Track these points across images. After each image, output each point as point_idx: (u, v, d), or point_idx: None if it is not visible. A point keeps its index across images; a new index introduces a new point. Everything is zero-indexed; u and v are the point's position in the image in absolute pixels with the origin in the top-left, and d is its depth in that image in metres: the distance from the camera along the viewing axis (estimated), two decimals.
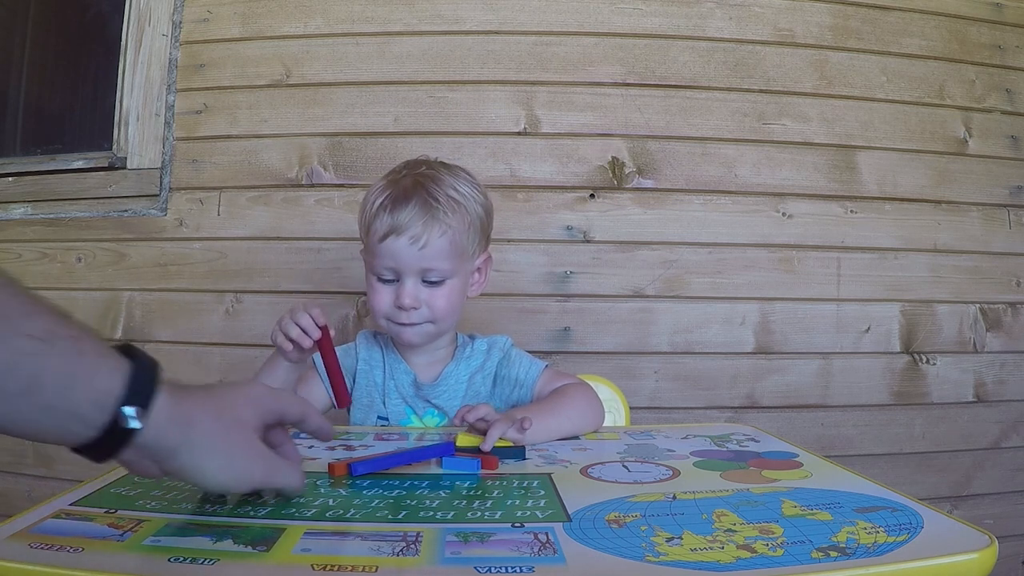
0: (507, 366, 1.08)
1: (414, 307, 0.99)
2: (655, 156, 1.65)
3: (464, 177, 1.06)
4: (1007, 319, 1.73)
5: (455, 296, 1.02)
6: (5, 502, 1.64)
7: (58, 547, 0.50)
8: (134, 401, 0.47)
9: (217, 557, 0.48)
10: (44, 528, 0.54)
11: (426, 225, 0.97)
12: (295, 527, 0.55)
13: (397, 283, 1.00)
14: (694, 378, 1.64)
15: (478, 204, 1.04)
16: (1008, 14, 1.77)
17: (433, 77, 1.65)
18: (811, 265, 1.67)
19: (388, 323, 1.03)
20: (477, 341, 1.11)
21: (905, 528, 0.54)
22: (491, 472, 0.73)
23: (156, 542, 0.51)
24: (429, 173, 1.02)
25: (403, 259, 0.98)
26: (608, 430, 0.98)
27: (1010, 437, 1.71)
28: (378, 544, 0.51)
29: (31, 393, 0.43)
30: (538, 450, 0.83)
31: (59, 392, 0.44)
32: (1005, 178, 1.74)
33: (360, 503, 0.61)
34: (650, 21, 1.66)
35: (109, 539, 0.52)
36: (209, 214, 1.65)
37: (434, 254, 0.98)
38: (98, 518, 0.56)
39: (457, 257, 1.01)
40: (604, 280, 1.63)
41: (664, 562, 0.48)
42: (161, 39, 1.70)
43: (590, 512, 0.59)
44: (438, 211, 0.98)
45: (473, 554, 0.50)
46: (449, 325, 1.06)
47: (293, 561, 0.49)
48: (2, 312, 0.42)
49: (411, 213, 0.97)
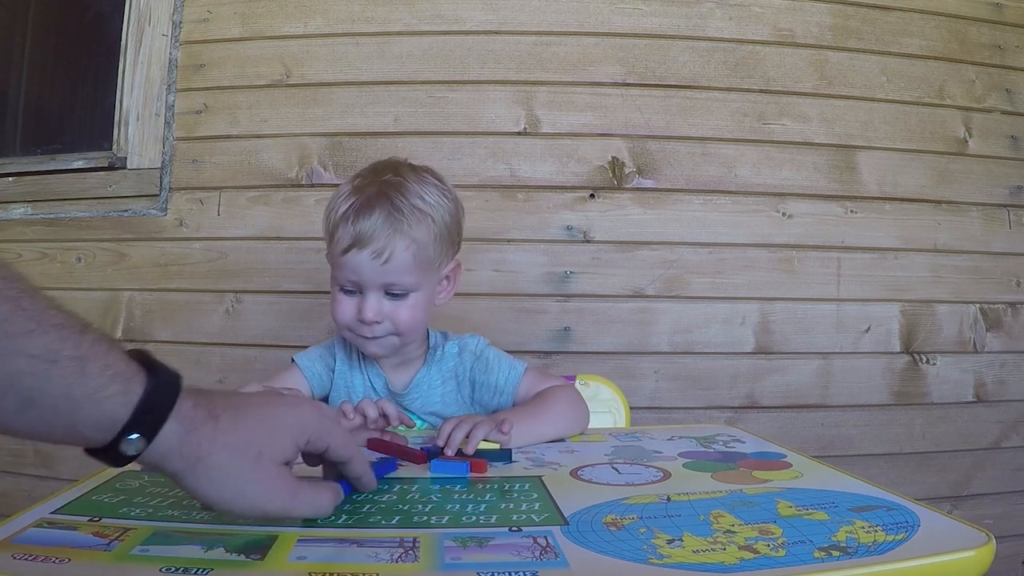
0: (485, 371, 1.04)
1: (376, 321, 0.96)
2: (655, 156, 1.65)
3: (432, 183, 1.00)
4: (1007, 319, 1.73)
5: (419, 309, 0.98)
6: (5, 502, 1.64)
7: (43, 558, 0.48)
8: (138, 430, 0.46)
9: (211, 567, 0.47)
10: (27, 537, 0.52)
11: (389, 239, 0.93)
12: (287, 534, 0.53)
13: (360, 295, 0.97)
14: (694, 378, 1.64)
15: (445, 212, 0.99)
16: (1008, 14, 1.77)
17: (433, 77, 1.65)
18: (811, 265, 1.67)
19: (351, 335, 0.99)
20: (448, 343, 1.07)
21: (903, 527, 0.54)
22: (480, 475, 0.72)
23: (145, 551, 0.50)
24: (395, 181, 0.97)
25: (365, 273, 0.94)
26: (593, 432, 0.97)
27: (1010, 437, 1.71)
28: (375, 551, 0.50)
29: (29, 410, 0.43)
30: (525, 452, 0.82)
31: (58, 412, 0.43)
32: (1005, 178, 1.74)
33: (351, 508, 0.60)
34: (650, 21, 1.67)
35: (96, 548, 0.50)
36: (209, 214, 1.65)
37: (397, 268, 0.94)
38: (82, 527, 0.55)
39: (422, 270, 0.97)
40: (604, 280, 1.63)
41: (668, 564, 0.48)
42: (161, 39, 1.70)
43: (586, 515, 0.59)
44: (402, 223, 0.94)
45: (474, 559, 0.49)
46: (414, 336, 1.02)
47: (290, 569, 0.48)
48: (5, 329, 0.41)
49: (374, 225, 0.93)
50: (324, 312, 1.62)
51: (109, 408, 0.44)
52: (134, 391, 0.45)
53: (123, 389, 0.45)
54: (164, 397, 0.47)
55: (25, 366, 0.42)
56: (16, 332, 0.41)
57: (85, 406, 0.44)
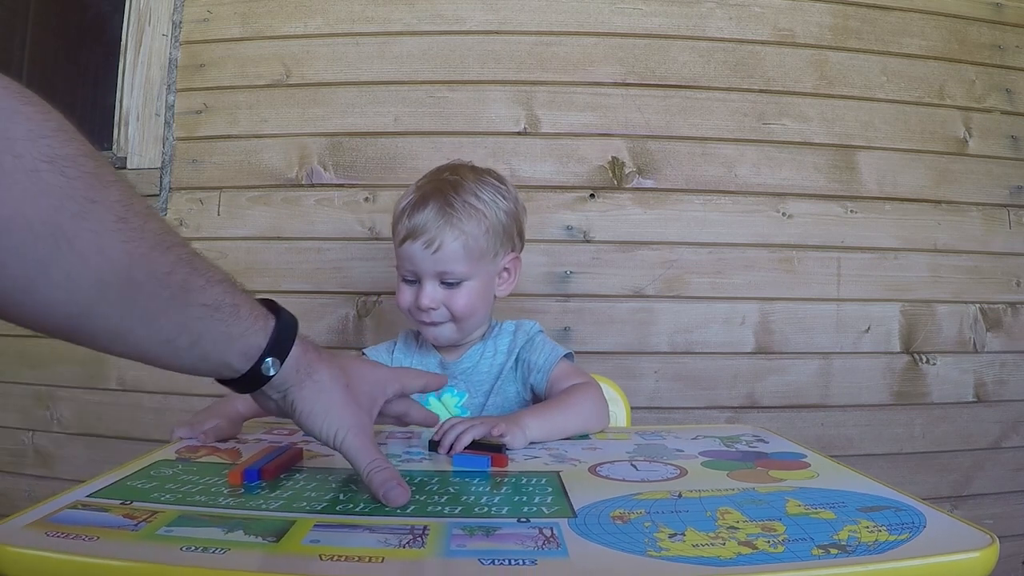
0: (529, 350, 1.11)
1: (432, 307, 1.04)
2: (655, 156, 1.65)
3: (490, 183, 1.10)
4: (1007, 319, 1.73)
5: (475, 296, 1.06)
6: (5, 502, 1.64)
7: (73, 536, 0.51)
8: (274, 354, 0.58)
9: (228, 547, 0.49)
10: (61, 518, 0.55)
11: (440, 230, 1.02)
12: (305, 519, 0.56)
13: (418, 284, 1.06)
14: (694, 378, 1.64)
15: (499, 209, 1.08)
16: (1008, 14, 1.77)
17: (433, 77, 1.65)
18: (811, 265, 1.67)
19: (411, 319, 1.10)
20: (507, 323, 1.16)
21: (907, 527, 0.54)
22: (501, 469, 0.73)
23: (169, 532, 0.52)
24: (452, 179, 1.07)
25: (419, 262, 1.04)
26: (619, 430, 0.99)
27: (1010, 437, 1.71)
28: (385, 536, 0.52)
29: (195, 346, 0.54)
30: (548, 448, 0.84)
31: (216, 347, 0.55)
32: (1005, 178, 1.74)
33: (370, 497, 0.62)
34: (650, 21, 1.67)
35: (123, 529, 0.53)
36: (209, 214, 1.65)
37: (447, 257, 1.03)
38: (114, 509, 0.57)
39: (474, 260, 1.05)
40: (604, 280, 1.63)
41: (665, 557, 0.49)
42: (161, 39, 1.70)
43: (595, 509, 0.59)
44: (452, 216, 1.03)
45: (478, 547, 0.51)
46: (473, 324, 1.10)
47: (301, 552, 0.50)
48: (185, 286, 0.51)
49: (426, 218, 1.03)
50: (324, 312, 1.63)
51: (254, 340, 0.57)
52: (270, 326, 0.58)
53: (263, 326, 0.58)
54: (289, 329, 0.60)
55: (198, 314, 0.53)
56: (192, 288, 0.52)
57: (238, 341, 0.56)
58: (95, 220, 0.45)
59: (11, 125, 0.41)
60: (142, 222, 0.48)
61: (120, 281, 0.47)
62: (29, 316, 0.46)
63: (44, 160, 0.42)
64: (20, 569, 0.48)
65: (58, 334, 0.48)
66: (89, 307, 0.47)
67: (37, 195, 0.42)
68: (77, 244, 0.44)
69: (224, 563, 0.47)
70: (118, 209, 0.46)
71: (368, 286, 1.63)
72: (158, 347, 0.52)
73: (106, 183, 0.46)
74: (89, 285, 0.46)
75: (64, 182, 0.43)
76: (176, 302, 0.51)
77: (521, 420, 0.86)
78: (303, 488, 0.65)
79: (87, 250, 0.44)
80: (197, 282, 0.52)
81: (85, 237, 0.44)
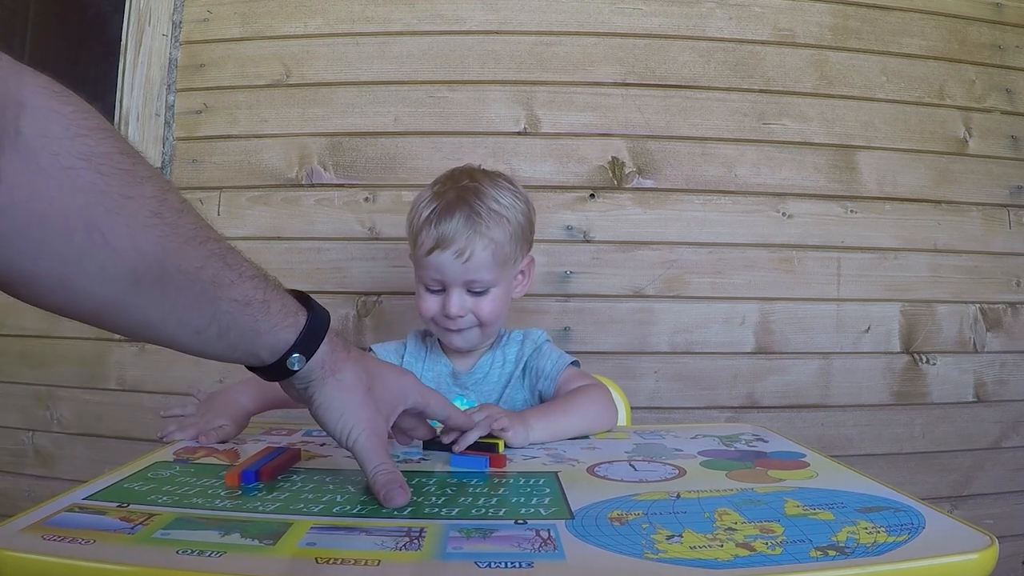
0: (537, 358, 1.12)
1: (460, 315, 1.05)
2: (655, 156, 1.65)
3: (505, 186, 1.10)
4: (1007, 319, 1.73)
5: (499, 302, 1.08)
6: (5, 502, 1.64)
7: (70, 539, 0.51)
8: (300, 351, 0.60)
9: (224, 550, 0.49)
10: (57, 521, 0.55)
11: (470, 239, 1.02)
12: (302, 522, 0.56)
13: (443, 292, 1.05)
14: (694, 378, 1.64)
15: (519, 213, 1.09)
16: (1008, 14, 1.77)
17: (433, 77, 1.65)
18: (811, 265, 1.67)
19: (436, 328, 1.09)
20: (514, 332, 1.17)
21: (906, 528, 0.54)
22: (499, 470, 0.73)
23: (166, 535, 0.52)
24: (472, 186, 1.07)
25: (448, 272, 1.03)
26: (618, 430, 0.99)
27: (1010, 437, 1.71)
28: (382, 539, 0.52)
29: (223, 337, 0.56)
30: (546, 449, 0.84)
31: (244, 340, 0.57)
32: (1005, 178, 1.74)
33: (367, 499, 0.62)
34: (650, 21, 1.67)
35: (120, 532, 0.53)
36: (209, 214, 1.65)
37: (478, 266, 1.03)
38: (110, 512, 0.57)
39: (500, 267, 1.05)
40: (604, 280, 1.63)
41: (662, 559, 0.49)
42: (161, 39, 1.70)
43: (593, 510, 0.59)
44: (480, 225, 1.03)
45: (474, 549, 0.51)
46: (496, 328, 1.12)
47: (298, 554, 0.50)
48: (216, 280, 0.53)
49: (456, 228, 1.02)
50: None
51: (283, 336, 0.59)
52: (300, 323, 0.60)
53: (293, 322, 0.60)
54: (320, 327, 0.62)
55: (227, 308, 0.55)
56: (223, 283, 0.54)
57: (266, 336, 0.58)
58: (129, 215, 0.46)
59: (49, 124, 0.43)
60: (176, 217, 0.49)
61: (152, 274, 0.49)
62: (64, 305, 0.48)
63: (81, 157, 0.44)
64: (17, 573, 0.48)
65: (91, 322, 0.51)
66: (122, 298, 0.49)
67: (73, 191, 0.44)
68: (111, 238, 0.46)
69: (220, 567, 0.47)
70: (152, 204, 0.48)
71: (368, 286, 1.63)
72: (187, 337, 0.55)
73: (141, 179, 0.47)
74: (122, 277, 0.47)
75: (100, 179, 0.44)
76: (206, 296, 0.53)
77: (527, 419, 0.87)
78: (300, 490, 0.65)
79: (121, 244, 0.46)
80: (228, 277, 0.54)
81: (119, 232, 0.46)
